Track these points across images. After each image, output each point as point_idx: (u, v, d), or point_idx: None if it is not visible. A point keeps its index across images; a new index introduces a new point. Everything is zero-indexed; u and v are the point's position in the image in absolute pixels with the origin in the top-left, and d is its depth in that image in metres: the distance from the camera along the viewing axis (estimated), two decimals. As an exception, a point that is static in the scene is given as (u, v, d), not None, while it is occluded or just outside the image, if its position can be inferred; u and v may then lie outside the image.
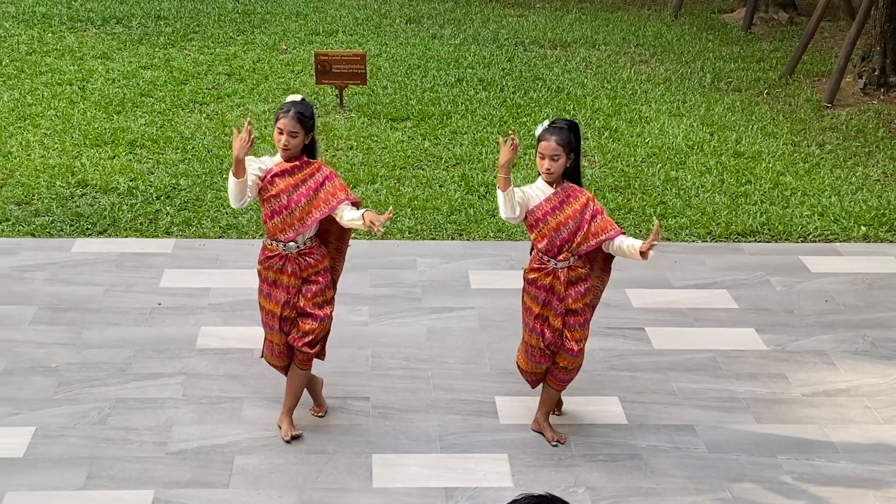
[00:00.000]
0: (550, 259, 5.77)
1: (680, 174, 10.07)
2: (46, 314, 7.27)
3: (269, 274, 5.82)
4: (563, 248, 5.74)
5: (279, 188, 5.67)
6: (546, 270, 5.80)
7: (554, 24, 16.02)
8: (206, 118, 11.27)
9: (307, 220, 5.68)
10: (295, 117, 5.61)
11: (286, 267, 5.76)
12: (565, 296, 5.80)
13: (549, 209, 5.71)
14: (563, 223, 5.70)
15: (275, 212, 5.70)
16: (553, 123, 5.72)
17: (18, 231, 8.50)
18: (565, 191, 5.75)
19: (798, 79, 13.32)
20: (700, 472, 5.89)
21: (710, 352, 7.10)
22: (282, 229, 5.71)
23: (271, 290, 5.83)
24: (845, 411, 6.51)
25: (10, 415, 6.16)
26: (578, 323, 5.88)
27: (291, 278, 5.77)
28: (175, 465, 5.79)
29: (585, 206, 5.74)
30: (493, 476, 5.78)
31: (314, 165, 5.76)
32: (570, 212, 5.71)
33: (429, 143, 10.71)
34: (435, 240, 8.68)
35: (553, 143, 5.62)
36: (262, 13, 15.94)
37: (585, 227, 5.71)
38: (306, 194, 5.67)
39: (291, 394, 6.03)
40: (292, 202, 5.66)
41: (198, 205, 9.06)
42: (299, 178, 5.70)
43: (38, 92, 11.83)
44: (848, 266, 8.45)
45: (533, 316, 5.89)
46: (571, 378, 6.05)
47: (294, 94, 5.78)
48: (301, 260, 5.77)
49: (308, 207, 5.67)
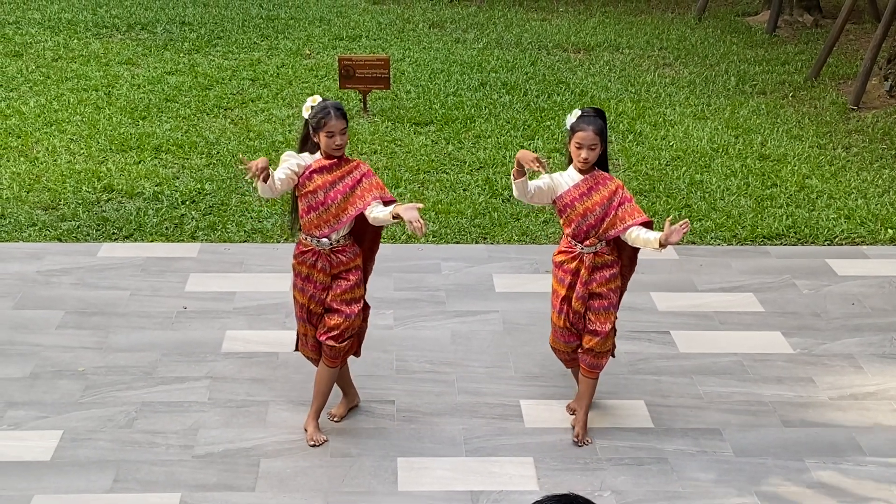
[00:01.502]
0: (578, 243, 5.87)
1: (705, 177, 10.04)
2: (73, 318, 7.31)
3: (302, 269, 5.88)
4: (589, 234, 5.83)
5: (316, 184, 5.72)
6: (573, 254, 5.90)
7: (577, 27, 16.01)
8: (230, 123, 11.32)
9: (342, 216, 5.74)
10: (339, 114, 5.63)
11: (318, 263, 5.83)
12: (589, 280, 5.88)
13: (577, 195, 5.79)
14: (590, 209, 5.78)
15: (311, 207, 5.75)
16: (584, 113, 5.81)
17: (45, 236, 8.55)
18: (594, 178, 5.82)
19: (823, 81, 13.25)
20: (727, 475, 5.86)
21: (736, 355, 7.07)
22: (317, 225, 5.77)
23: (304, 284, 5.90)
24: (873, 414, 6.46)
25: (37, 418, 6.20)
26: (603, 306, 5.93)
27: (321, 274, 5.83)
28: (201, 468, 5.80)
29: (614, 193, 5.81)
30: (519, 479, 5.77)
31: (352, 163, 5.82)
32: (597, 198, 5.78)
33: (452, 147, 10.72)
34: (459, 243, 8.68)
35: (591, 133, 5.72)
36: (285, 18, 15.99)
37: (613, 213, 5.78)
38: (343, 191, 5.72)
39: (318, 393, 6.05)
40: (329, 199, 5.72)
41: (223, 209, 9.10)
42: (337, 174, 5.75)
43: (64, 98, 11.91)
44: (875, 269, 8.39)
45: (559, 298, 6.00)
46: (602, 364, 6.07)
47: (313, 97, 5.73)
48: (333, 257, 5.83)
49: (344, 204, 5.73)
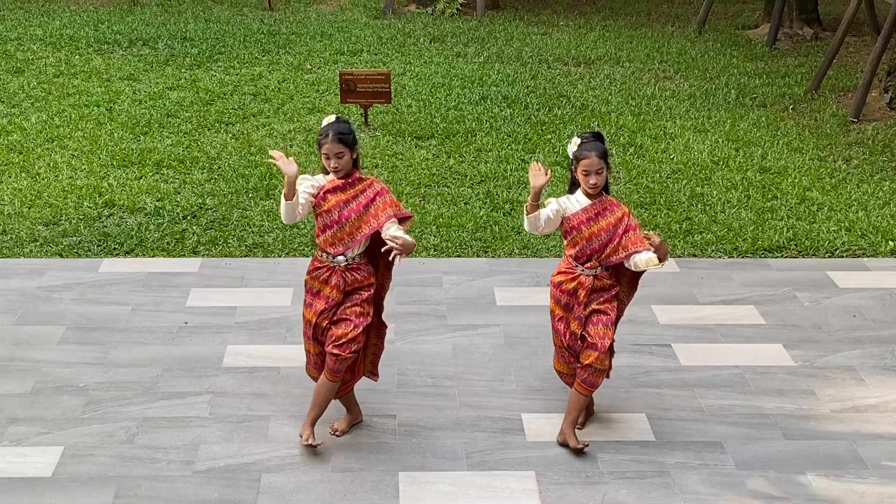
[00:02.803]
0: (579, 265, 5.92)
1: (705, 190, 10.04)
2: (74, 334, 7.31)
3: (314, 284, 5.89)
4: (592, 257, 5.89)
5: (331, 204, 5.78)
6: (573, 275, 5.94)
7: (577, 41, 16.04)
8: (231, 138, 11.33)
9: (357, 235, 5.78)
10: (335, 139, 5.71)
11: (331, 279, 5.84)
12: (588, 302, 5.92)
13: (584, 219, 5.86)
14: (595, 234, 5.85)
15: (326, 226, 5.80)
16: (584, 139, 5.85)
17: (46, 251, 8.56)
18: (602, 203, 5.89)
19: (823, 94, 13.27)
20: (728, 488, 5.85)
21: (737, 368, 7.06)
22: (332, 243, 5.80)
23: (313, 300, 5.90)
24: (875, 427, 6.45)
25: (38, 434, 6.19)
26: (602, 321, 5.94)
27: (334, 291, 5.84)
28: (202, 483, 5.79)
29: (620, 220, 5.88)
30: (521, 494, 5.76)
31: (366, 182, 5.87)
32: (604, 224, 5.86)
33: (453, 161, 10.73)
34: (460, 257, 8.68)
35: (595, 159, 5.78)
36: (286, 34, 16.04)
37: (617, 240, 5.85)
38: (357, 210, 5.77)
39: (315, 405, 6.03)
40: (343, 217, 5.76)
41: (224, 224, 9.11)
42: (351, 193, 5.80)
43: (65, 113, 11.94)
44: (876, 281, 8.39)
45: (557, 318, 6.05)
46: (598, 382, 6.04)
47: (328, 117, 5.87)
48: (347, 275, 5.84)
49: (358, 223, 5.77)
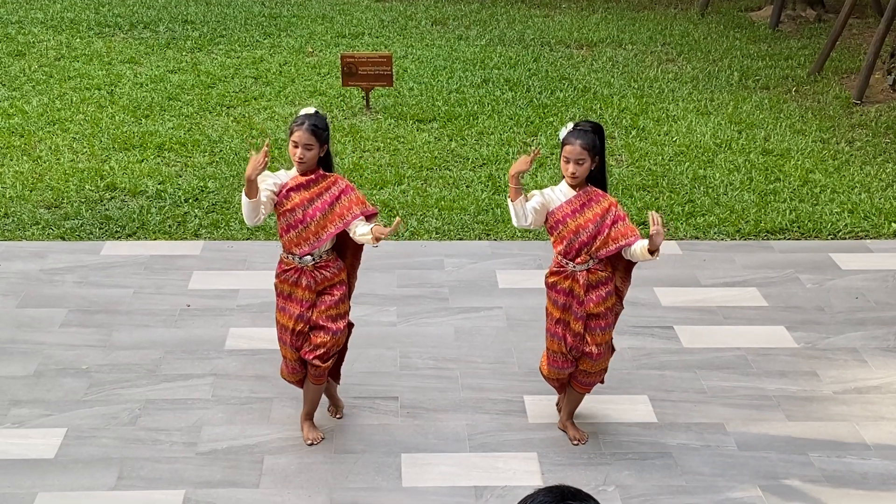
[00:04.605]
0: (569, 262, 5.70)
1: (708, 172, 10.03)
2: (76, 317, 7.32)
3: (284, 287, 5.76)
4: (581, 251, 5.65)
5: (294, 202, 5.62)
6: (565, 273, 5.72)
7: (580, 23, 15.99)
8: (233, 121, 11.32)
9: (322, 234, 5.63)
10: (309, 129, 5.56)
11: (301, 280, 5.70)
12: (585, 300, 5.71)
13: (569, 211, 5.63)
14: (582, 226, 5.61)
15: (290, 226, 5.65)
16: (577, 126, 5.61)
17: (48, 234, 8.56)
18: (587, 194, 5.66)
19: (826, 76, 13.23)
20: (730, 470, 5.86)
21: (739, 350, 7.07)
22: (297, 243, 5.66)
23: (286, 303, 5.77)
24: (877, 408, 6.45)
25: (41, 416, 6.21)
26: (600, 327, 5.78)
27: (306, 292, 5.71)
28: (205, 465, 5.81)
29: (607, 210, 5.63)
30: (523, 475, 5.77)
31: (330, 179, 5.71)
32: (590, 215, 5.61)
33: (455, 144, 10.71)
34: (462, 240, 8.68)
35: (578, 148, 5.52)
36: (288, 16, 15.99)
37: (605, 231, 5.61)
38: (321, 208, 5.62)
39: (308, 402, 6.04)
40: (307, 216, 5.61)
41: (226, 207, 9.10)
42: (314, 191, 5.65)
43: (66, 97, 11.92)
44: (878, 263, 8.38)
45: (554, 321, 5.83)
46: (595, 382, 5.99)
47: (307, 108, 5.75)
48: (317, 273, 5.71)
49: (323, 222, 5.62)
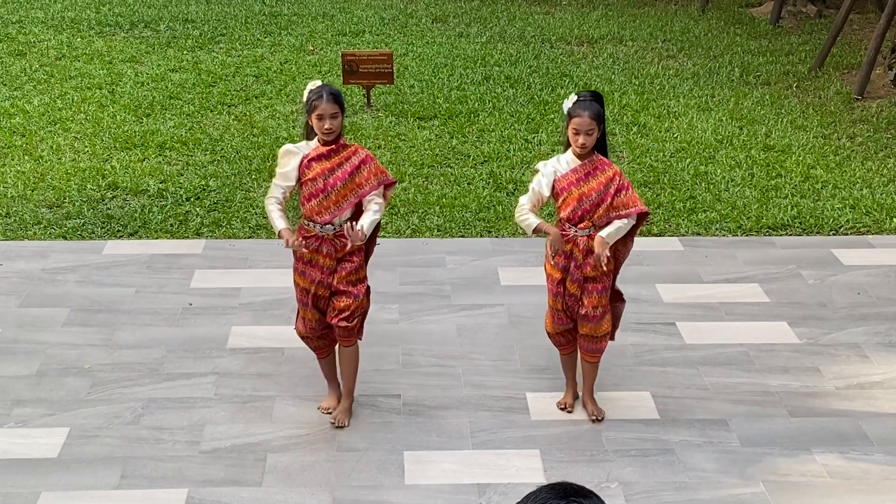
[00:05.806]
0: (572, 227, 5.85)
1: (709, 168, 10.02)
2: (79, 316, 7.32)
3: (305, 253, 5.87)
4: (584, 218, 5.81)
5: (315, 172, 5.74)
6: (567, 237, 5.87)
7: (580, 20, 15.99)
8: (234, 120, 11.32)
9: (343, 203, 5.76)
10: (331, 98, 5.66)
11: (322, 248, 5.83)
12: (583, 263, 5.86)
13: (574, 179, 5.78)
14: (585, 194, 5.76)
15: (312, 195, 5.77)
16: (580, 97, 5.77)
17: (50, 234, 8.56)
18: (593, 163, 5.81)
19: (827, 71, 13.22)
20: (733, 466, 5.86)
21: (742, 346, 7.06)
22: (318, 212, 5.78)
23: (306, 268, 5.90)
24: (879, 404, 6.45)
25: (44, 415, 6.21)
26: (596, 290, 5.92)
27: (327, 259, 5.84)
28: (208, 463, 5.81)
29: (611, 179, 5.79)
30: (526, 472, 5.77)
31: (350, 149, 5.82)
32: (594, 184, 5.77)
33: (456, 141, 10.71)
34: (464, 237, 8.68)
35: (587, 119, 5.68)
36: (288, 15, 15.99)
37: (609, 200, 5.76)
38: (342, 178, 5.74)
39: (348, 376, 6.12)
40: (328, 185, 5.73)
41: (227, 206, 9.10)
42: (335, 161, 5.76)
43: (67, 96, 11.92)
44: (880, 258, 8.38)
45: (555, 282, 6.00)
46: (602, 347, 6.08)
47: (313, 82, 5.81)
48: (337, 241, 5.83)
49: (343, 191, 5.75)
